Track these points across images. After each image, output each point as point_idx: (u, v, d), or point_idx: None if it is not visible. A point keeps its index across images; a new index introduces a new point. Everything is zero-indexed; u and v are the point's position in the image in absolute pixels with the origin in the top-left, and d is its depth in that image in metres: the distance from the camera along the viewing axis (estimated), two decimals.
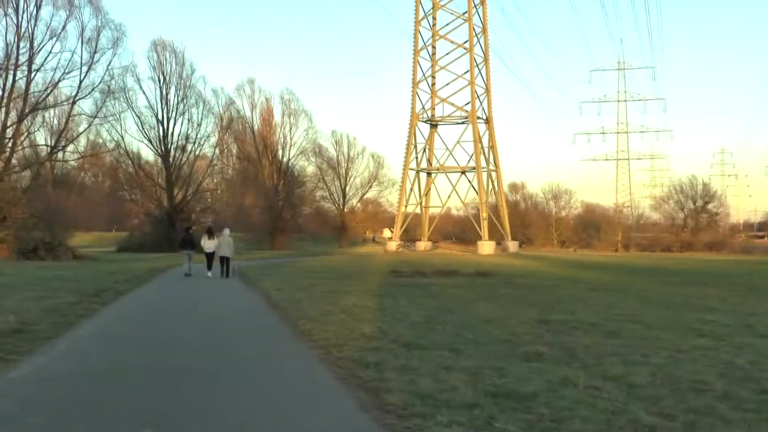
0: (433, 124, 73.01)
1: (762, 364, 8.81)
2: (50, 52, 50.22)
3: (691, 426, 6.02)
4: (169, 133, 70.47)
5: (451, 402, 6.68)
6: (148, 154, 73.85)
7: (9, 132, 49.29)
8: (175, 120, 70.68)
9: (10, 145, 49.67)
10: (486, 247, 65.74)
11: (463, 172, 71.93)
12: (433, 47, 72.66)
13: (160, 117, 70.02)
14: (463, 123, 71.15)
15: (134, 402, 6.93)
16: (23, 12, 47.98)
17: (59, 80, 51.67)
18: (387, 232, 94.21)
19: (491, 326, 12.50)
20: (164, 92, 70.23)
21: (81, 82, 52.01)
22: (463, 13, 70.82)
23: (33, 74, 49.72)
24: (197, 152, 73.55)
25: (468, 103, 70.14)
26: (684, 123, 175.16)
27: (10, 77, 48.45)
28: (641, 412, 6.33)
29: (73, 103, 54.57)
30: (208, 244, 28.17)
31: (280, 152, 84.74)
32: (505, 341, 10.69)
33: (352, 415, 6.51)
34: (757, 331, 12.18)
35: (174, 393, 7.35)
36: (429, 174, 74.64)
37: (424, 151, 73.18)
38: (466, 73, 70.37)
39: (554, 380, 7.60)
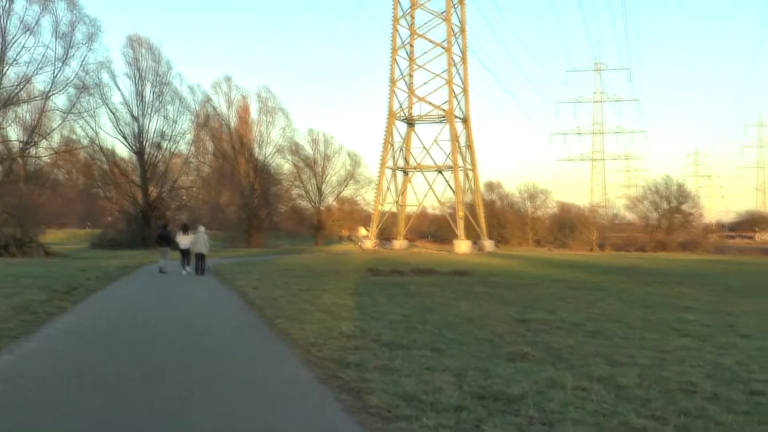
0: (411, 123, 72.86)
1: (748, 364, 8.71)
2: (23, 46, 49.56)
3: (683, 429, 5.87)
4: (145, 129, 69.65)
5: (437, 404, 6.47)
6: (123, 151, 72.77)
7: None
8: (150, 117, 69.85)
9: None
10: (462, 245, 65.70)
11: (439, 171, 71.86)
12: (411, 46, 72.49)
13: (135, 113, 69.15)
14: (440, 122, 71.07)
15: (104, 406, 6.64)
16: None
17: (32, 75, 51.06)
18: (363, 231, 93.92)
19: (472, 325, 12.34)
20: (140, 89, 69.37)
21: (55, 77, 51.38)
22: (442, 13, 70.73)
23: (5, 69, 49.03)
24: (173, 149, 72.79)
25: (445, 102, 70.10)
26: (658, 124, 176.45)
27: None
28: (632, 414, 6.17)
29: (47, 98, 53.84)
30: (183, 241, 27.84)
31: (256, 150, 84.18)
32: (488, 341, 10.53)
33: (335, 417, 6.29)
34: (739, 331, 12.13)
35: (146, 397, 7.03)
36: (406, 173, 74.46)
37: (401, 149, 72.97)
38: (443, 72, 70.31)
39: (541, 381, 7.43)
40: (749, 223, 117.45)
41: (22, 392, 7.15)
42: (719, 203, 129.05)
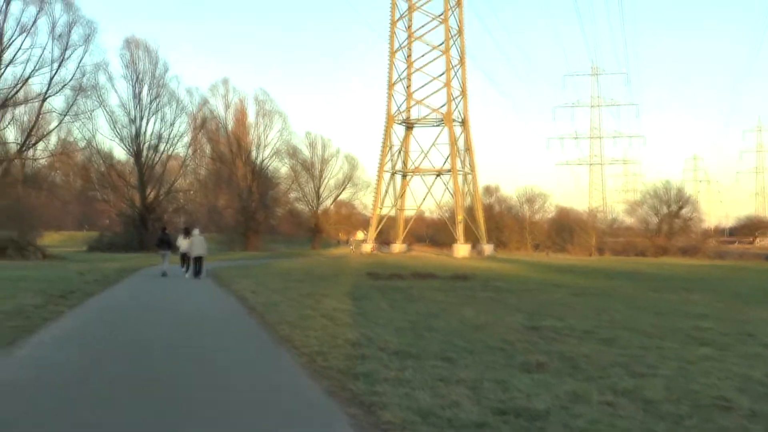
0: (409, 126, 72.41)
1: None
2: (20, 47, 49.35)
3: None
4: (142, 132, 69.36)
5: (456, 420, 6.01)
6: (120, 153, 72.64)
7: None
8: (147, 119, 69.57)
9: None
10: (461, 250, 65.24)
11: (438, 175, 71.42)
12: (409, 49, 72.08)
13: (132, 116, 68.86)
14: (438, 125, 70.63)
15: (96, 418, 6.19)
16: None
17: (29, 76, 50.76)
18: (360, 234, 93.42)
19: (481, 333, 11.90)
20: (137, 91, 69.09)
21: (52, 78, 51.14)
22: (439, 15, 70.25)
23: (2, 70, 48.64)
24: (170, 152, 72.53)
25: (444, 105, 69.62)
26: (656, 129, 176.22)
27: None
28: None
29: (44, 99, 53.53)
30: (183, 244, 27.62)
31: (253, 153, 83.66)
32: (499, 349, 10.09)
33: None
34: (761, 340, 11.67)
35: (142, 408, 6.58)
36: (404, 176, 74.04)
37: (400, 152, 72.56)
38: (442, 75, 69.86)
39: (562, 395, 6.97)
40: (748, 228, 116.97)
41: (8, 404, 6.68)
42: (718, 208, 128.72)
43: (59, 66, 51.15)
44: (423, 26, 71.49)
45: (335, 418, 6.31)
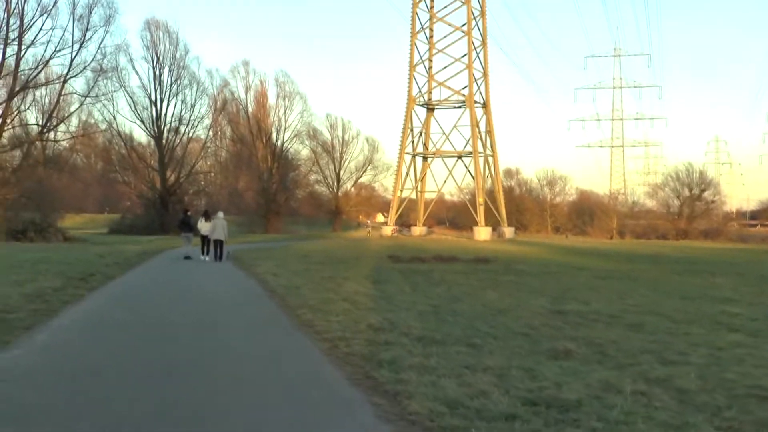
0: (430, 108, 72.05)
1: None
2: (41, 29, 49.10)
3: None
4: (162, 114, 69.36)
5: (485, 411, 5.81)
6: (140, 136, 72.79)
7: None
8: (168, 101, 69.55)
9: None
10: (482, 232, 64.96)
11: (459, 157, 71.09)
12: (431, 30, 71.60)
13: (153, 98, 68.87)
14: (460, 107, 70.21)
15: (115, 409, 6.04)
16: None
17: (50, 58, 50.58)
18: (380, 217, 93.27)
19: (504, 317, 11.72)
20: (157, 72, 69.04)
21: (72, 60, 50.95)
22: None
23: (23, 51, 48.65)
24: (191, 134, 72.53)
25: (465, 87, 69.15)
26: (679, 110, 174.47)
27: (0, 54, 47.35)
28: (707, 425, 5.50)
29: (65, 81, 53.40)
30: (204, 227, 27.56)
31: (274, 135, 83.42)
32: (524, 335, 9.90)
33: (371, 426, 5.65)
34: None
35: (164, 398, 6.41)
36: (425, 158, 73.75)
37: (421, 135, 72.25)
38: (463, 56, 69.40)
39: (594, 384, 6.75)
40: None
41: (25, 394, 6.53)
42: (740, 191, 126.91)
43: (80, 47, 51.03)
44: (445, 7, 71.11)
45: (360, 408, 6.14)
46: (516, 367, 7.47)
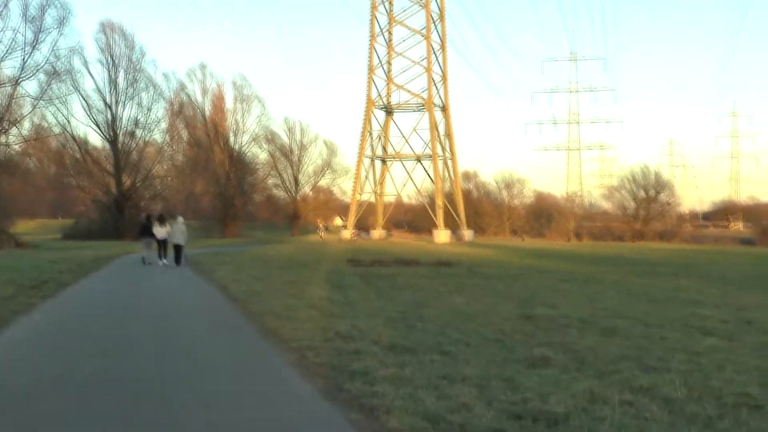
0: (389, 111, 71.86)
1: None
2: None
3: None
4: (118, 117, 67.93)
5: (469, 426, 5.47)
6: (95, 139, 71.49)
7: None
8: (123, 104, 68.10)
9: None
10: (442, 235, 64.90)
11: (418, 160, 70.98)
12: (390, 33, 71.49)
13: (108, 101, 67.44)
14: (419, 110, 70.11)
15: (66, 429, 5.60)
16: None
17: (1, 60, 49.25)
18: (338, 220, 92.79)
19: (474, 323, 11.47)
20: (113, 75, 67.62)
21: (25, 62, 49.62)
22: None
23: None
24: (147, 138, 71.17)
25: (424, 90, 69.12)
26: (634, 113, 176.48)
27: None
28: None
29: (16, 84, 51.99)
30: (160, 231, 27.02)
31: (231, 139, 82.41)
32: (497, 341, 9.64)
33: None
34: (763, 328, 11.29)
35: (120, 416, 5.97)
36: (384, 161, 73.50)
37: (380, 138, 71.99)
38: (423, 59, 69.35)
39: (578, 394, 6.45)
40: (723, 212, 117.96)
41: None
42: (693, 192, 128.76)
43: (32, 49, 49.71)
44: (404, 10, 71.05)
45: (336, 425, 5.76)
46: (495, 377, 7.16)
